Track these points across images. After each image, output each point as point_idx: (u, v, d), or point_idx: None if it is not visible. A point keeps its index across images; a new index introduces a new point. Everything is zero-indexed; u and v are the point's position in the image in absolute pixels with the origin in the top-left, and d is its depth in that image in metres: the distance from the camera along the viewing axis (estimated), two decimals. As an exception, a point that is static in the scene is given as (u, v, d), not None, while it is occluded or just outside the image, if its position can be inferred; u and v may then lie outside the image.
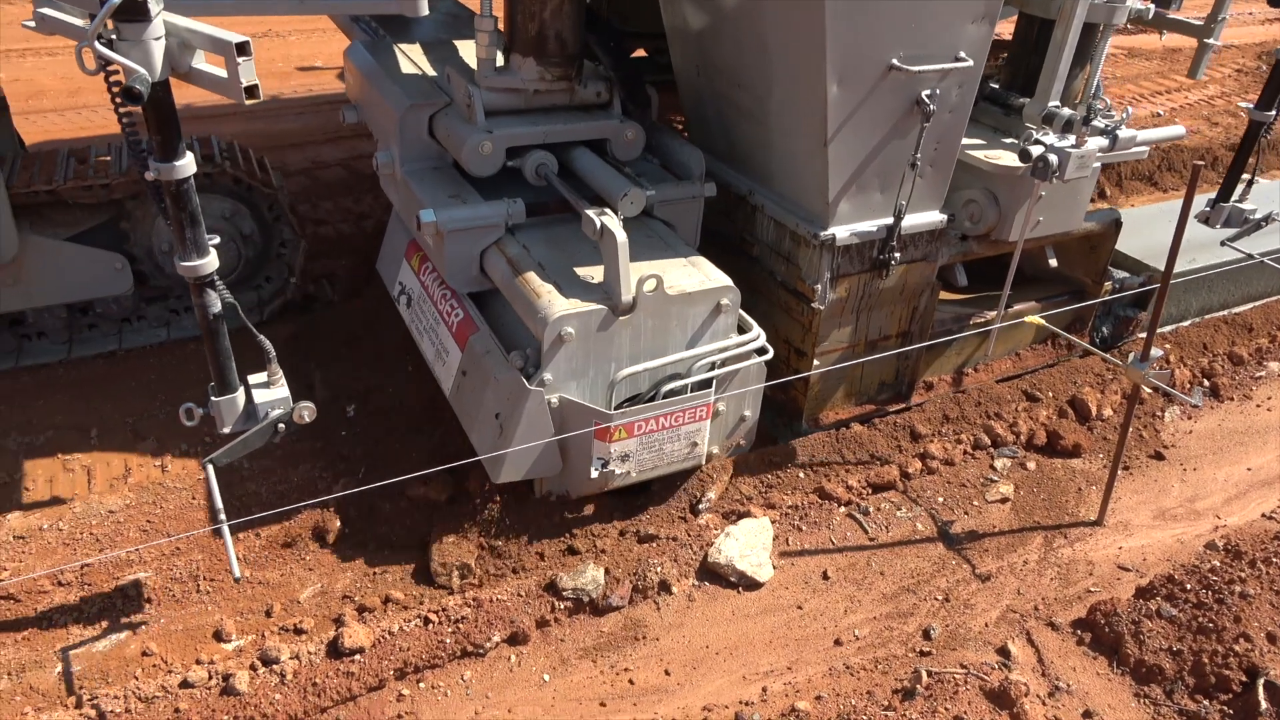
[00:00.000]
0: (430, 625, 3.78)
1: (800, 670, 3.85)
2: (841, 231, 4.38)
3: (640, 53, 7.94)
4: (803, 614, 4.11)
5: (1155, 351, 4.18)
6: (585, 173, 4.38)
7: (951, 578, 4.33)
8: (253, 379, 3.54)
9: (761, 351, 4.29)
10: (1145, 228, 6.32)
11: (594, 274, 4.03)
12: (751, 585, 4.19)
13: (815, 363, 4.68)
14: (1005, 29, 5.56)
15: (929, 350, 5.07)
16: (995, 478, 4.87)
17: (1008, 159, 4.62)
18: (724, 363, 4.23)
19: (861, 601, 4.18)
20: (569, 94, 4.47)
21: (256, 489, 4.53)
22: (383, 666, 3.66)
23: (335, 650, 3.65)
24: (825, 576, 4.28)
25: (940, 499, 4.72)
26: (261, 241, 5.52)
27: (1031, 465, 4.98)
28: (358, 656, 3.65)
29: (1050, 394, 5.30)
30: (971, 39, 4.13)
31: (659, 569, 4.13)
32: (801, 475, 4.66)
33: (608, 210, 3.91)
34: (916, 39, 4.00)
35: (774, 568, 4.27)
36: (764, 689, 3.77)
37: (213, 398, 3.44)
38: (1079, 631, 4.07)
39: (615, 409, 4.02)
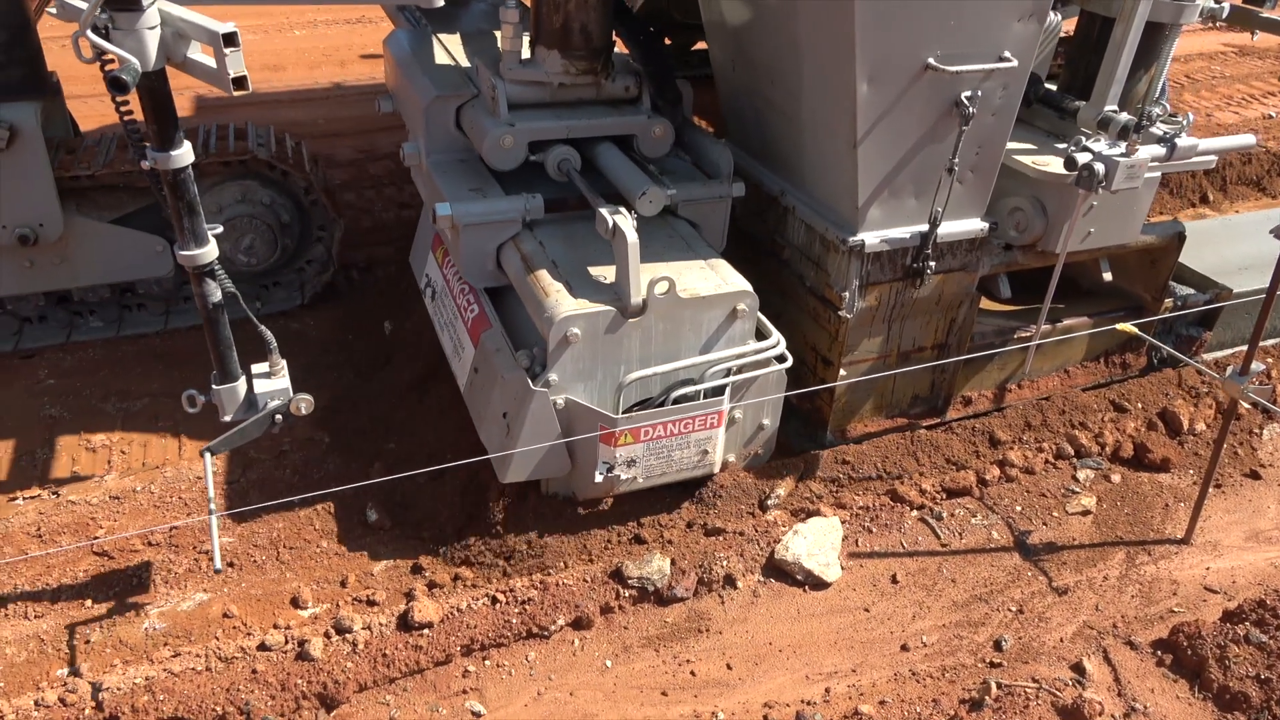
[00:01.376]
0: (497, 605, 3.83)
1: (865, 673, 3.78)
2: (871, 238, 4.18)
3: (701, 45, 7.82)
4: (869, 617, 4.03)
5: (1256, 365, 3.94)
6: (608, 169, 4.28)
7: (1026, 589, 4.18)
8: (255, 369, 3.56)
9: (781, 359, 4.14)
10: (1248, 236, 5.92)
11: (607, 274, 3.93)
12: (818, 584, 4.12)
13: (842, 373, 4.50)
14: (1068, 26, 5.26)
15: (968, 364, 4.83)
16: (1077, 489, 4.68)
17: (1056, 165, 4.36)
18: (740, 369, 4.09)
19: (931, 608, 4.08)
20: (596, 88, 4.37)
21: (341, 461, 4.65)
22: (450, 642, 3.71)
23: (405, 623, 3.73)
24: (894, 580, 4.19)
25: (1018, 508, 4.57)
26: (289, 203, 5.48)
27: (1116, 478, 4.77)
28: (426, 631, 3.71)
29: (1139, 405, 5.06)
30: (1017, 38, 3.89)
31: (725, 563, 4.10)
32: (874, 476, 4.57)
33: (622, 209, 3.80)
34: (956, 37, 3.78)
35: (842, 568, 4.20)
36: (827, 690, 3.71)
37: (214, 386, 3.46)
38: (1159, 652, 3.89)
39: (624, 413, 3.93)
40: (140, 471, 4.57)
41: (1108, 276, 4.99)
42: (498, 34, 5.13)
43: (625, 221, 3.70)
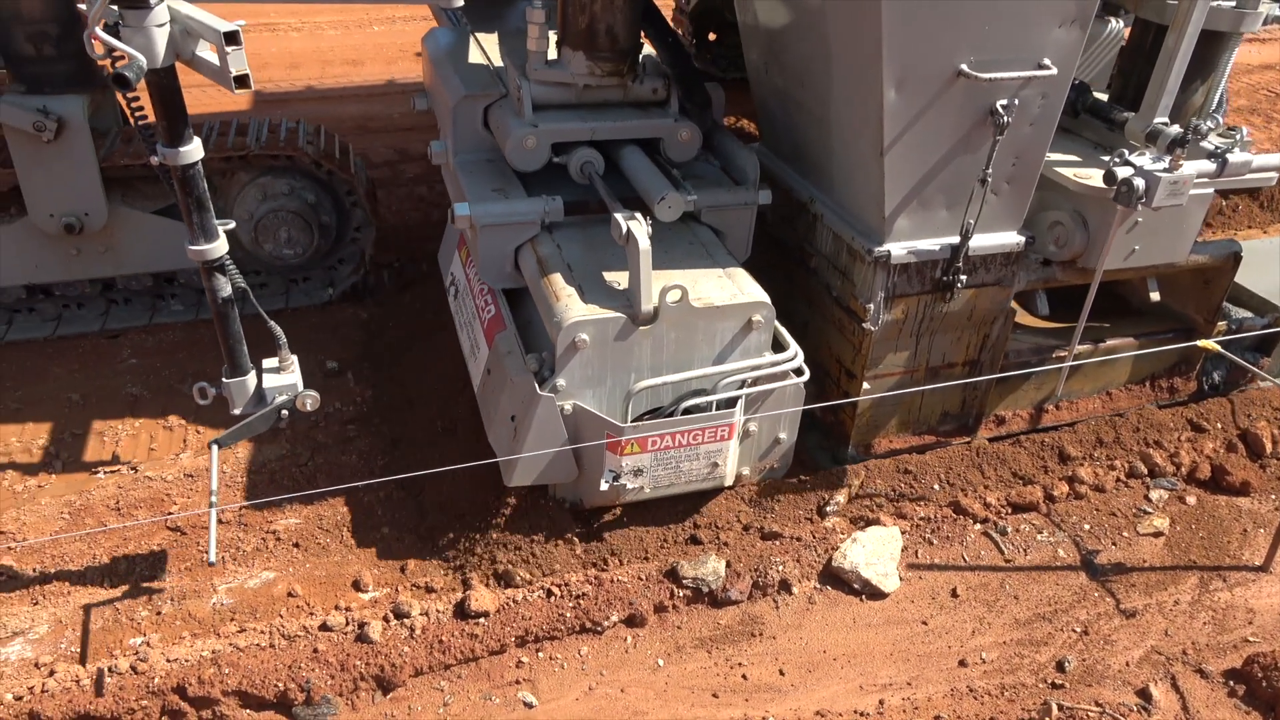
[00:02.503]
0: (552, 598, 3.87)
1: (920, 687, 3.72)
2: (898, 248, 4.05)
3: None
4: (927, 630, 3.96)
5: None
6: (630, 173, 4.22)
7: (1093, 610, 4.08)
8: (266, 363, 3.59)
9: (799, 372, 4.04)
10: None
11: (622, 279, 3.87)
12: (875, 594, 4.07)
13: (865, 386, 4.37)
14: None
15: (1001, 382, 4.65)
16: (1149, 509, 4.54)
17: (1100, 178, 4.16)
18: (755, 382, 4.00)
19: (991, 624, 4.00)
20: (622, 90, 4.32)
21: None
22: (505, 632, 3.76)
23: (462, 611, 3.79)
24: (954, 594, 4.12)
25: (1086, 526, 4.45)
26: (309, 184, 5.48)
27: (1191, 500, 4.61)
28: (482, 620, 3.76)
29: (1219, 425, 4.87)
30: (1059, 44, 3.72)
31: (781, 567, 4.07)
32: (936, 487, 4.49)
33: (637, 214, 3.74)
34: (991, 42, 3.63)
35: (900, 579, 4.14)
36: (881, 701, 3.66)
37: (224, 379, 3.50)
38: (1231, 682, 3.76)
39: (634, 421, 3.87)
40: None
41: (1155, 296, 4.75)
42: (536, 33, 5.12)
43: (639, 227, 3.64)
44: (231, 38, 2.70)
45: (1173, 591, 4.18)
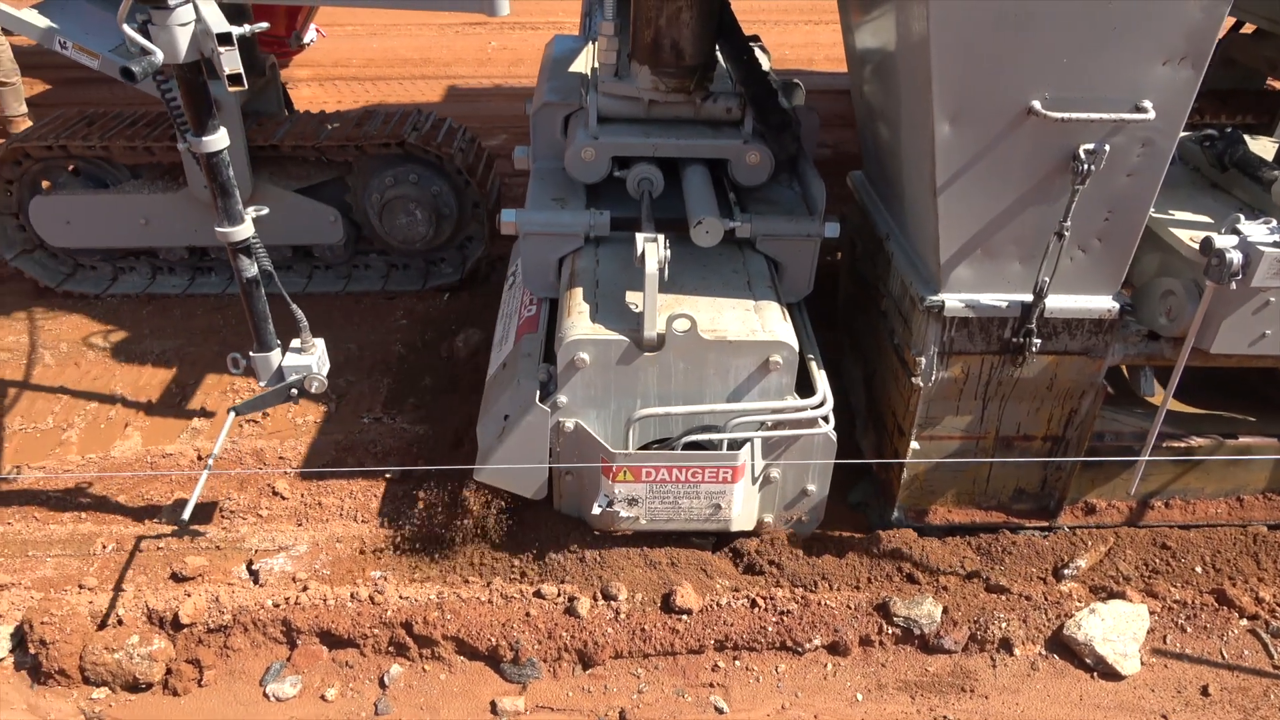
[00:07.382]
0: (756, 609, 3.86)
1: None
2: (954, 300, 3.62)
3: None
4: None
5: None
6: (686, 193, 4.08)
7: None
8: (293, 343, 3.82)
9: (827, 420, 3.73)
10: None
11: (642, 302, 3.74)
12: (1110, 674, 3.75)
13: (914, 446, 3.95)
14: None
15: (1093, 465, 4.04)
16: None
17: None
18: (775, 426, 3.73)
19: None
20: (692, 107, 4.17)
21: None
22: (705, 634, 3.81)
23: (667, 605, 3.85)
24: (1205, 692, 3.71)
25: None
26: (427, 171, 5.71)
27: None
28: (685, 617, 3.82)
29: None
30: (1163, 84, 3.16)
31: (1004, 624, 3.84)
32: (1199, 569, 4.06)
33: (659, 237, 3.60)
34: (1071, 78, 3.14)
35: (1142, 663, 3.79)
36: None
37: (251, 354, 3.76)
38: None
39: (639, 449, 3.75)
40: (420, 409, 5.01)
41: (1306, 392, 3.93)
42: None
43: (652, 250, 3.51)
44: (224, 39, 2.88)
45: None
